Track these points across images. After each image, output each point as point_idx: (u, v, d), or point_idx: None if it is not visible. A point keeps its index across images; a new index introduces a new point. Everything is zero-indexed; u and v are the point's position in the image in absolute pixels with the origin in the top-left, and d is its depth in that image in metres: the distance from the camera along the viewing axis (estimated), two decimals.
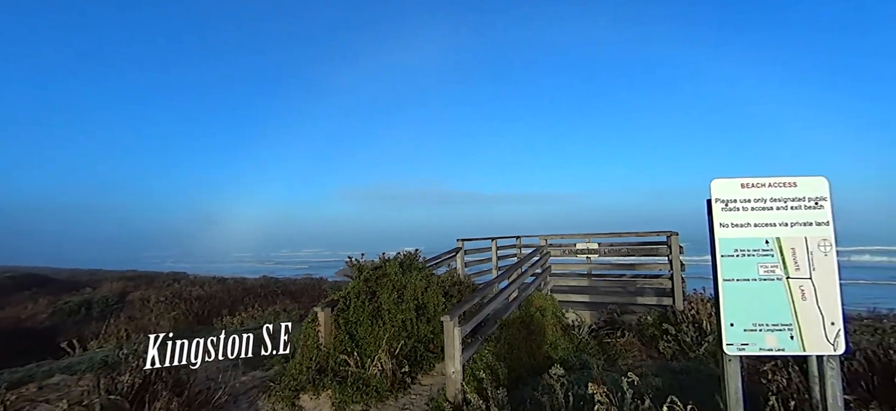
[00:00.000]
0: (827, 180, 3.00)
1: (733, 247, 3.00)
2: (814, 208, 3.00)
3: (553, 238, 8.86)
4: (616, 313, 7.20)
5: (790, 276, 2.94)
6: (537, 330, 6.25)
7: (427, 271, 6.70)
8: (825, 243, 2.97)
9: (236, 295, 15.25)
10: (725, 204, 3.04)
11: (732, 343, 2.91)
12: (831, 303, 2.89)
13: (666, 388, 4.94)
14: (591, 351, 6.46)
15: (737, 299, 2.95)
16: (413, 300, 5.89)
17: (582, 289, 8.65)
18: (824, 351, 2.87)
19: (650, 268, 8.21)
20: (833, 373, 2.87)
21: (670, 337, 6.20)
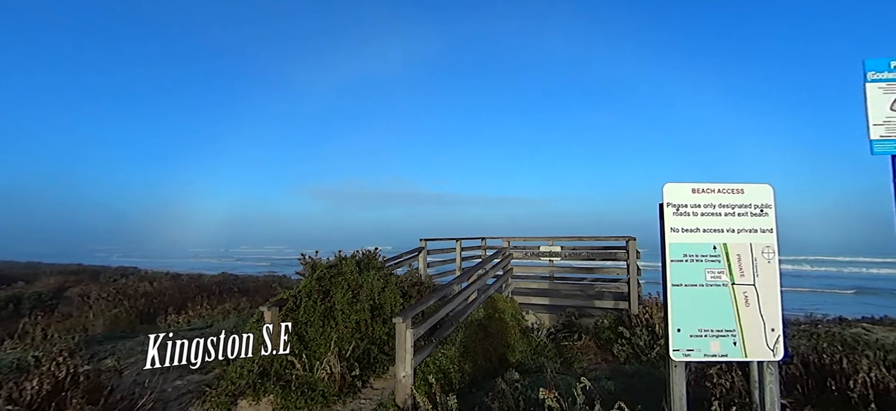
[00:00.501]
0: (772, 188, 3.05)
1: (683, 252, 3.00)
2: (759, 215, 3.04)
3: (516, 240, 8.87)
4: (574, 316, 7.25)
5: (735, 283, 2.97)
6: (496, 332, 6.19)
7: (386, 271, 6.49)
8: (769, 250, 3.02)
9: (189, 292, 14.41)
10: (677, 208, 3.04)
11: (678, 348, 2.91)
12: (772, 309, 2.94)
13: (617, 392, 4.99)
14: (548, 354, 6.46)
15: (684, 304, 2.95)
16: (369, 300, 5.68)
17: (543, 292, 8.69)
18: (765, 358, 2.92)
19: (609, 272, 8.34)
20: (772, 379, 2.91)
21: (625, 341, 6.29)
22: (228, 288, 15.27)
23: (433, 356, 4.84)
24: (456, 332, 5.45)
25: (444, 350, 5.04)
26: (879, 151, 3.43)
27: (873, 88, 3.47)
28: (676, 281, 2.96)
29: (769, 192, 3.05)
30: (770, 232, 3.02)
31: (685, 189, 3.04)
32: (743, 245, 3.00)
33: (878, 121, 3.43)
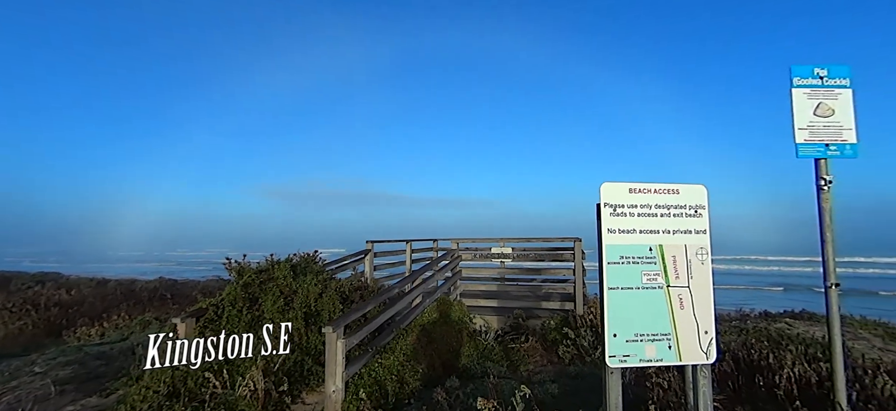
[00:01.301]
0: (705, 188, 3.02)
1: (619, 254, 2.89)
2: (693, 216, 2.99)
3: (465, 242, 8.71)
4: (522, 318, 7.18)
5: (670, 284, 2.90)
6: (441, 337, 5.96)
7: (325, 275, 6.09)
8: (702, 251, 2.99)
9: (113, 299, 13.07)
10: (614, 208, 2.92)
11: (614, 355, 2.79)
12: (705, 311, 2.90)
13: (561, 395, 4.91)
14: (495, 358, 6.32)
15: (621, 308, 2.84)
16: (303, 307, 5.26)
17: (492, 294, 8.59)
18: (698, 361, 2.86)
19: (556, 273, 8.38)
20: (705, 382, 2.87)
21: (570, 342, 6.28)
22: (161, 295, 14.03)
23: (369, 366, 4.53)
24: (397, 339, 5.16)
25: (382, 359, 4.73)
26: (804, 155, 3.53)
27: (799, 94, 3.57)
28: (613, 284, 2.85)
29: (703, 193, 3.02)
30: (704, 233, 2.98)
31: (622, 189, 2.94)
32: (678, 246, 2.94)
33: (803, 125, 3.53)
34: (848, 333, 6.17)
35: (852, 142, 3.52)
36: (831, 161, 3.49)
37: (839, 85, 3.55)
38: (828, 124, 3.52)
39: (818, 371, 4.03)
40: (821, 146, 3.49)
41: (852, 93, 3.56)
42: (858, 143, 3.52)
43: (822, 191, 3.46)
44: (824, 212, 3.45)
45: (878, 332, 6.56)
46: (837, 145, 3.51)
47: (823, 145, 3.48)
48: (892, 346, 6.12)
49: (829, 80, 3.57)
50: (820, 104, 3.54)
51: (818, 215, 3.48)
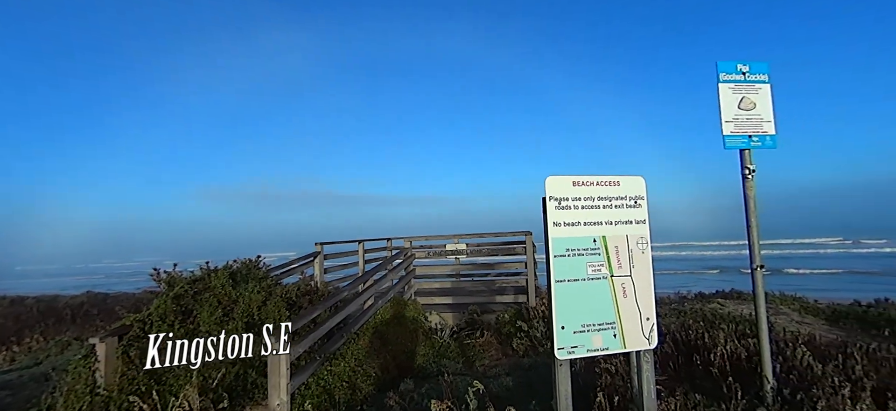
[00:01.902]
0: (643, 180, 3.12)
1: (565, 247, 2.92)
2: (633, 207, 3.09)
3: (418, 240, 8.61)
4: (477, 313, 7.20)
5: (614, 275, 2.98)
6: (395, 338, 5.83)
7: (270, 281, 5.74)
8: (643, 241, 3.09)
9: (30, 319, 11.66)
10: (559, 201, 2.95)
11: (563, 346, 2.82)
12: (647, 299, 3.00)
13: (515, 388, 4.95)
14: (451, 355, 6.29)
15: (568, 300, 2.87)
16: (245, 317, 4.92)
17: (447, 291, 8.56)
18: (642, 347, 2.96)
19: (510, 267, 8.50)
20: (648, 366, 2.98)
21: (523, 334, 6.37)
22: (87, 311, 12.72)
23: (318, 375, 4.31)
24: (349, 344, 4.97)
25: (332, 366, 4.53)
26: (730, 146, 3.75)
27: (725, 88, 3.78)
28: (560, 277, 2.87)
29: (642, 184, 3.11)
30: (643, 223, 3.08)
31: (566, 182, 2.97)
32: (620, 237, 3.02)
33: (729, 118, 3.74)
34: (771, 309, 6.73)
35: (772, 134, 3.79)
36: (754, 151, 3.74)
37: (759, 80, 3.81)
38: (750, 117, 3.76)
39: (747, 347, 4.33)
40: (745, 137, 3.72)
41: (771, 87, 3.82)
42: (777, 135, 3.80)
43: (747, 180, 3.69)
44: (749, 199, 3.69)
45: (796, 307, 7.22)
46: (759, 136, 3.76)
47: (747, 136, 3.72)
48: (808, 319, 6.76)
49: (751, 75, 3.82)
50: (743, 98, 3.78)
51: (744, 202, 3.72)
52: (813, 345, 4.62)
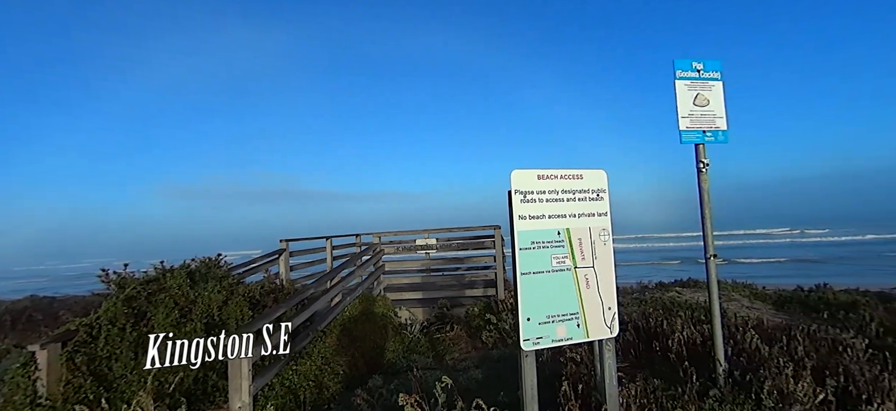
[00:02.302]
0: (605, 173, 3.20)
1: (530, 240, 2.95)
2: (596, 199, 3.16)
3: (387, 235, 8.53)
4: (446, 307, 7.22)
5: (577, 266, 3.04)
6: (364, 334, 5.75)
7: (232, 280, 5.53)
8: (604, 233, 3.17)
9: None
10: (524, 195, 2.97)
11: (528, 338, 2.86)
12: (608, 289, 3.09)
13: (484, 380, 5.01)
14: (420, 350, 6.28)
15: (533, 292, 2.91)
16: (205, 318, 4.72)
17: (417, 286, 8.54)
18: (604, 335, 3.05)
19: (479, 261, 8.57)
20: (609, 355, 3.07)
21: (492, 327, 6.44)
22: (30, 316, 11.83)
23: (283, 375, 4.20)
24: (315, 341, 4.86)
25: (298, 364, 4.42)
26: (686, 140, 3.90)
27: (681, 85, 3.93)
28: (525, 269, 2.90)
29: (603, 177, 3.19)
30: (605, 215, 3.16)
31: (531, 175, 2.99)
32: (583, 229, 3.09)
33: (685, 114, 3.89)
34: (724, 296, 7.12)
35: (724, 130, 3.98)
36: (708, 146, 3.91)
37: (712, 78, 3.98)
38: (704, 113, 3.93)
39: (702, 332, 4.55)
40: (699, 133, 3.88)
41: (722, 85, 4.00)
42: (728, 130, 3.99)
43: (701, 173, 3.86)
44: (703, 191, 3.86)
45: (746, 294, 7.67)
46: (712, 132, 3.93)
47: (701, 132, 3.88)
48: (757, 304, 7.19)
49: (705, 73, 3.98)
50: (698, 95, 3.94)
51: (699, 195, 3.89)
52: (761, 329, 4.91)
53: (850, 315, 5.88)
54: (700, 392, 3.46)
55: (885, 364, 3.98)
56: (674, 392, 3.49)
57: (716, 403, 3.26)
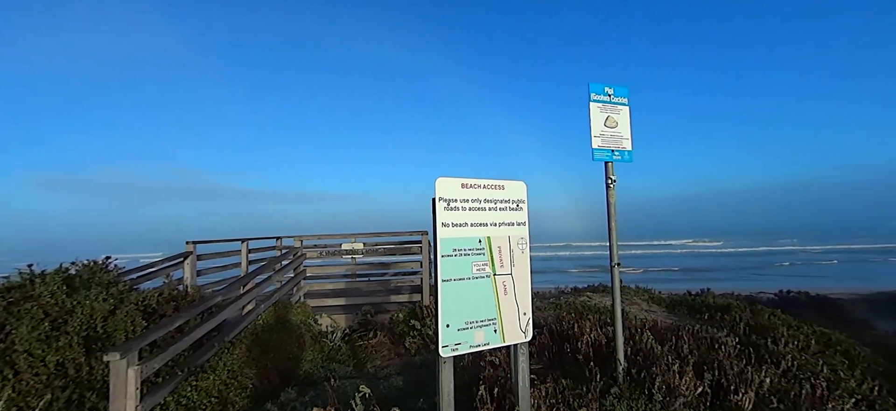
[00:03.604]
0: (525, 184, 3.35)
1: (452, 247, 2.99)
2: (516, 210, 3.29)
3: (310, 238, 8.14)
4: (370, 314, 7.06)
5: (496, 273, 3.14)
6: (279, 344, 5.41)
7: (122, 287, 4.88)
8: (523, 241, 3.31)
9: None
10: (448, 203, 3.00)
11: (447, 344, 2.88)
12: (524, 295, 3.23)
13: (405, 387, 4.97)
14: (341, 359, 6.06)
15: (453, 299, 2.95)
16: (85, 330, 4.10)
17: (340, 292, 8.25)
18: (519, 340, 3.18)
19: (405, 266, 8.52)
20: (523, 358, 3.20)
21: (416, 333, 6.42)
22: None
23: (179, 392, 3.78)
24: (221, 354, 4.45)
25: (199, 380, 4.01)
26: (598, 158, 4.24)
27: (594, 107, 4.26)
28: (446, 276, 2.93)
29: (523, 189, 3.34)
30: (524, 225, 3.31)
31: (455, 184, 3.04)
32: (503, 237, 3.20)
33: (597, 133, 4.23)
34: (626, 300, 7.84)
35: (629, 150, 4.39)
36: (615, 164, 4.29)
37: (621, 102, 4.38)
38: (613, 134, 4.30)
39: (607, 334, 4.95)
40: (609, 151, 4.24)
41: (629, 109, 4.43)
42: (633, 151, 4.41)
43: (609, 189, 4.22)
44: (610, 205, 4.22)
45: (645, 297, 8.52)
46: (620, 151, 4.32)
47: (610, 151, 4.25)
48: (654, 307, 8.02)
49: (615, 97, 4.37)
50: (608, 117, 4.30)
51: (606, 208, 4.24)
52: (655, 330, 5.47)
53: (725, 316, 6.80)
54: (602, 390, 3.75)
55: (750, 358, 4.66)
56: (580, 391, 3.74)
57: (615, 400, 3.56)
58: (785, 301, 12.14)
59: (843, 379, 4.75)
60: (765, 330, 5.97)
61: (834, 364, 5.22)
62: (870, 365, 5.71)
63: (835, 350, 5.87)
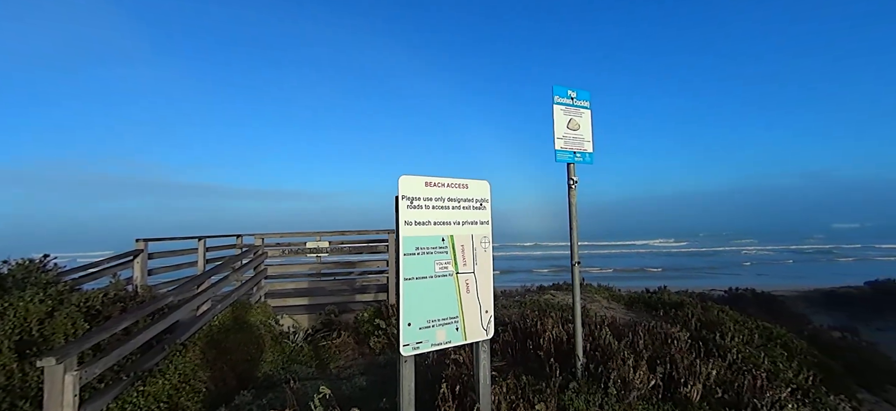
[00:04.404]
0: (488, 183, 3.38)
1: (415, 245, 2.98)
2: (479, 208, 3.32)
3: (272, 236, 7.89)
4: (334, 313, 6.93)
5: (459, 272, 3.15)
6: (235, 346, 5.20)
7: (62, 287, 4.56)
8: (485, 240, 3.34)
9: None
10: (411, 201, 2.99)
11: (408, 343, 2.86)
12: (486, 293, 3.26)
13: (368, 388, 4.90)
14: (302, 360, 5.91)
15: (416, 297, 2.93)
16: (17, 334, 3.80)
17: (304, 292, 8.04)
18: (481, 338, 3.20)
19: (372, 265, 8.42)
20: (485, 355, 3.23)
21: (381, 332, 6.36)
22: None
23: (125, 398, 3.57)
24: (172, 357, 4.24)
25: (148, 385, 3.80)
26: (561, 159, 4.34)
27: (558, 109, 4.36)
28: (409, 275, 2.92)
29: (487, 188, 3.37)
30: (487, 223, 3.34)
31: (419, 182, 3.03)
32: (466, 236, 3.22)
33: (560, 135, 4.33)
34: (588, 298, 8.08)
35: (590, 152, 4.52)
36: (577, 165, 4.41)
37: (583, 106, 4.50)
38: (576, 136, 4.42)
39: (568, 331, 5.08)
40: (571, 153, 4.35)
41: (591, 113, 4.55)
42: (593, 153, 4.54)
43: (571, 189, 4.32)
44: (572, 205, 4.33)
45: (605, 295, 8.80)
46: (581, 153, 4.44)
47: (572, 153, 4.36)
48: (613, 305, 8.30)
49: (578, 101, 4.48)
50: (571, 120, 4.41)
51: (568, 208, 4.34)
52: (614, 326, 5.67)
53: (679, 312, 7.14)
54: (562, 385, 3.85)
55: (699, 352, 4.91)
56: (540, 386, 3.82)
57: (573, 394, 3.65)
58: (734, 298, 12.90)
59: (782, 370, 5.10)
60: (714, 325, 6.31)
61: (774, 356, 5.59)
62: (806, 357, 6.15)
63: (776, 343, 6.29)
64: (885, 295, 14.78)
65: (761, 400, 3.82)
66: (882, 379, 6.68)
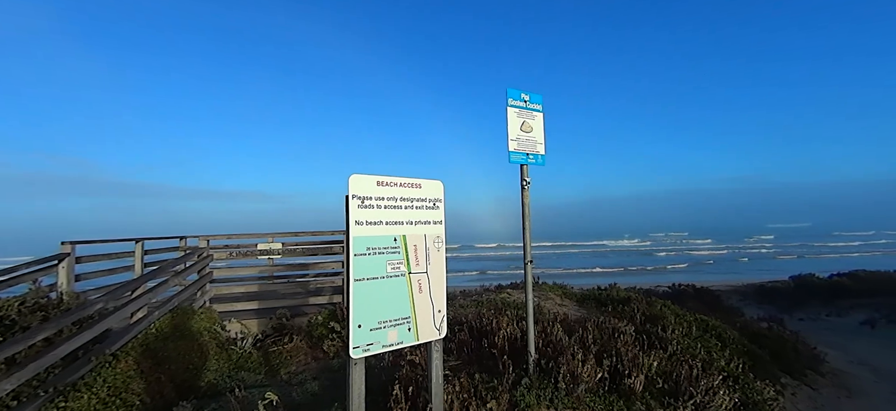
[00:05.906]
0: (442, 183, 3.38)
1: (366, 246, 2.92)
2: (432, 208, 3.31)
3: (218, 238, 7.49)
4: (286, 317, 6.67)
5: (411, 272, 3.13)
6: (175, 355, 4.88)
7: None
8: (439, 240, 3.34)
9: None
10: (362, 200, 2.93)
11: (358, 345, 2.81)
12: (439, 293, 3.25)
13: (320, 393, 4.77)
14: (251, 366, 5.65)
15: (366, 299, 2.88)
16: None
17: (253, 295, 7.69)
18: (433, 338, 3.19)
19: (328, 266, 8.20)
20: (437, 355, 3.23)
21: (336, 335, 6.20)
22: None
23: None
24: (101, 368, 3.90)
25: (69, 401, 3.47)
26: (514, 161, 4.41)
27: (512, 112, 4.44)
28: (359, 276, 2.86)
29: (440, 187, 3.37)
30: (440, 223, 3.34)
31: (370, 181, 2.98)
32: (419, 236, 3.20)
33: (514, 137, 4.41)
34: (542, 295, 8.31)
35: (542, 154, 4.63)
36: (530, 167, 4.51)
37: (535, 108, 4.61)
38: (528, 138, 4.52)
39: (522, 329, 5.18)
40: (524, 155, 4.44)
41: (543, 116, 4.67)
42: (545, 155, 4.67)
43: (524, 190, 4.42)
44: (525, 206, 4.42)
45: (559, 293, 9.09)
46: (534, 155, 4.54)
47: (525, 154, 4.45)
48: (566, 302, 8.59)
49: (531, 103, 4.59)
50: (524, 122, 4.51)
51: (521, 209, 4.43)
52: (566, 323, 5.86)
53: (626, 308, 7.50)
54: (514, 382, 3.92)
55: (643, 345, 5.17)
56: (493, 384, 3.87)
57: (525, 390, 3.73)
58: (677, 293, 13.74)
59: (716, 359, 5.49)
60: (657, 319, 6.68)
61: (709, 346, 6.01)
62: (737, 346, 6.66)
63: (711, 334, 6.76)
64: (806, 288, 16.33)
65: (697, 388, 4.09)
66: (802, 364, 7.36)
